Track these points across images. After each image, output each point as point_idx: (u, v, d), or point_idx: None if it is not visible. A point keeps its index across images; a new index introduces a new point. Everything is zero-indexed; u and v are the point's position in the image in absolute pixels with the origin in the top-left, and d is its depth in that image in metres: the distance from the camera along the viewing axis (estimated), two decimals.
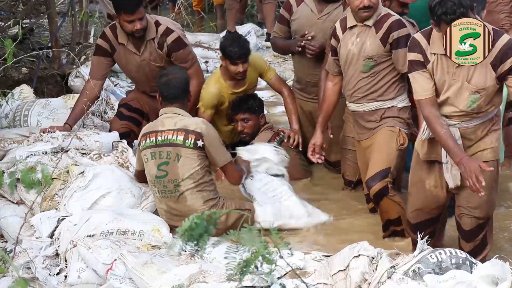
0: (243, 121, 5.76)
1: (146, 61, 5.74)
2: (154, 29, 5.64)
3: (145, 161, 4.94)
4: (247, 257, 2.02)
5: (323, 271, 4.01)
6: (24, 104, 6.09)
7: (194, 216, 2.03)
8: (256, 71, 5.94)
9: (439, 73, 4.20)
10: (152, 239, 4.53)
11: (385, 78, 4.93)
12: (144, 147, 4.93)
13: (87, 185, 4.92)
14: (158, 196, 4.91)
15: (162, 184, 4.86)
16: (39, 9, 7.99)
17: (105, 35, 5.75)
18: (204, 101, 5.81)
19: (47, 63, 7.10)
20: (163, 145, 4.87)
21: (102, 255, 4.30)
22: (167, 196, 4.87)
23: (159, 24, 5.65)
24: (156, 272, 4.06)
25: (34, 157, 5.23)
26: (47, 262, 4.45)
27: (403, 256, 4.01)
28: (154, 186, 4.91)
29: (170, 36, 5.63)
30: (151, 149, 4.90)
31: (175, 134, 4.87)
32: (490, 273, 3.79)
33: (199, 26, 10.34)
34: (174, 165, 4.84)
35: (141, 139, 4.97)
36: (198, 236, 1.97)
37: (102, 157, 5.31)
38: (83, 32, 7.71)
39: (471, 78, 4.16)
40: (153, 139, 4.90)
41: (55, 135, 5.38)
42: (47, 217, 4.78)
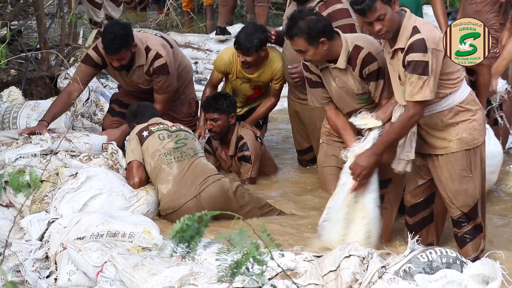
0: (212, 121, 5.80)
1: (135, 82, 5.82)
2: (144, 56, 5.70)
3: (161, 139, 5.29)
4: (238, 259, 2.01)
5: (314, 272, 4.01)
6: (13, 106, 6.07)
7: (185, 217, 2.03)
8: (271, 72, 6.01)
9: (388, 67, 4.44)
10: (143, 241, 4.51)
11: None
12: (159, 130, 5.34)
13: (79, 186, 4.91)
14: (172, 162, 5.21)
15: (180, 151, 5.28)
16: (27, 11, 7.98)
17: (97, 49, 5.73)
18: (215, 63, 6.18)
19: (35, 65, 7.09)
20: (178, 131, 5.41)
21: (92, 257, 4.28)
22: (183, 160, 5.24)
23: (149, 50, 5.70)
24: (147, 274, 4.05)
25: (23, 160, 5.21)
26: (37, 265, 4.43)
27: (393, 256, 4.01)
28: (169, 155, 5.24)
29: (158, 61, 5.71)
30: (167, 132, 5.36)
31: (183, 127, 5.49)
32: (480, 272, 3.80)
33: (188, 26, 10.33)
34: (192, 141, 5.41)
35: (151, 126, 5.37)
36: (189, 238, 1.96)
37: (91, 159, 5.30)
38: (72, 34, 7.70)
39: (398, 69, 4.34)
40: (166, 126, 5.41)
41: (44, 138, 5.36)
42: (37, 220, 4.76)
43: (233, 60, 6.01)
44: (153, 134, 5.28)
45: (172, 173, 5.15)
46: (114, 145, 5.50)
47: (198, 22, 10.07)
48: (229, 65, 6.02)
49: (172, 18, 10.14)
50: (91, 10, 7.85)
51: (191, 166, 5.21)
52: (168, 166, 5.17)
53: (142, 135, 5.29)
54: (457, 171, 4.41)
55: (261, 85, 6.10)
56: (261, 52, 5.88)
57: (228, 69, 6.05)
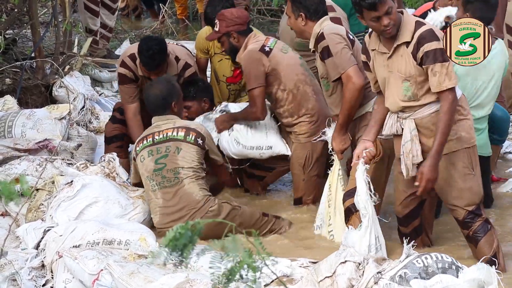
0: (186, 108, 5.72)
1: None
2: (175, 66, 5.76)
3: (141, 161, 5.06)
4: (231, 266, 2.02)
5: (310, 278, 4.01)
6: (8, 115, 6.06)
7: (178, 226, 2.03)
8: None
9: (378, 69, 4.41)
10: (139, 248, 4.51)
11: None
12: (140, 150, 5.10)
13: (75, 194, 4.91)
14: (156, 189, 4.98)
15: (161, 175, 4.98)
16: (22, 20, 7.98)
17: (125, 64, 5.76)
18: (196, 43, 6.25)
19: (30, 73, 7.08)
20: (162, 141, 5.06)
21: (88, 265, 4.28)
22: (165, 186, 4.97)
23: (178, 60, 5.77)
24: (143, 281, 4.05)
25: (19, 168, 5.21)
26: (33, 273, 4.43)
27: (389, 261, 4.02)
28: (152, 180, 5.00)
29: (188, 70, 5.78)
30: (148, 148, 5.07)
31: (175, 130, 5.08)
32: (476, 277, 3.80)
33: (183, 34, 10.33)
34: (173, 156, 5.01)
35: (137, 144, 5.15)
36: (182, 247, 1.97)
37: (88, 167, 5.29)
38: (66, 42, 7.69)
39: (399, 66, 4.31)
40: (150, 140, 5.11)
41: None
42: (33, 228, 4.75)
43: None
44: (137, 157, 5.12)
45: (158, 203, 4.97)
46: (114, 155, 5.49)
47: (193, 30, 10.06)
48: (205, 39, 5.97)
49: (167, 26, 10.15)
50: (88, 18, 7.85)
51: (174, 196, 4.95)
52: (153, 194, 4.99)
53: (134, 157, 5.18)
54: (460, 169, 4.40)
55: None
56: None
57: (206, 44, 6.04)
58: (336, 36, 4.92)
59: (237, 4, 9.20)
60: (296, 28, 5.05)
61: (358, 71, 4.84)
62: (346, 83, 4.87)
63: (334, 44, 4.88)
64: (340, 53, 4.86)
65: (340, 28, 5.06)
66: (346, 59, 4.87)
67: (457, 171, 4.39)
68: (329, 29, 4.94)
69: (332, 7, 5.60)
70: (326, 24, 4.97)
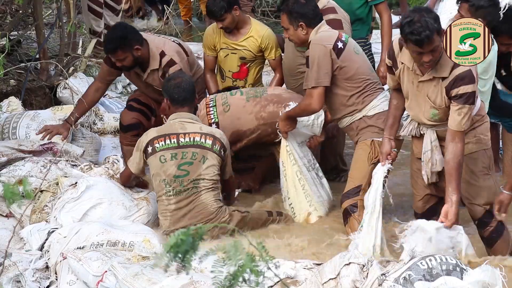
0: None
1: (150, 84, 5.85)
2: (158, 60, 5.72)
3: (161, 161, 4.93)
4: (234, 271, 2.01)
5: (314, 280, 4.01)
6: (12, 117, 6.07)
7: (179, 232, 2.02)
8: (258, 41, 5.96)
9: (405, 82, 4.43)
10: (143, 250, 4.51)
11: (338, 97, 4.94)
12: (162, 148, 4.94)
13: (79, 196, 4.91)
14: (171, 195, 4.90)
15: (180, 182, 4.90)
16: (26, 21, 7.99)
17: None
18: (203, 41, 6.18)
19: (35, 75, 7.09)
20: (188, 146, 4.94)
21: (93, 267, 4.28)
22: (181, 194, 4.90)
23: (163, 55, 5.73)
24: (147, 283, 4.05)
25: (23, 169, 5.21)
26: (37, 275, 4.43)
27: (393, 263, 4.01)
28: (169, 185, 4.91)
29: (172, 67, 5.71)
30: (172, 150, 4.93)
31: (203, 137, 4.97)
32: (480, 279, 3.80)
33: (187, 35, 10.33)
34: (198, 165, 4.92)
35: (156, 140, 4.96)
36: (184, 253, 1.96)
37: (92, 168, 5.29)
38: (71, 43, 7.71)
39: (430, 94, 4.33)
40: (174, 141, 4.95)
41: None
42: (37, 230, 4.76)
43: (216, 31, 6.02)
44: (155, 154, 4.94)
45: (169, 208, 4.92)
46: (118, 156, 5.49)
47: (197, 31, 10.06)
48: (212, 35, 6.03)
49: (171, 27, 10.15)
50: (92, 20, 7.87)
51: (189, 204, 4.91)
52: (166, 198, 4.92)
53: (147, 150, 4.98)
54: (479, 169, 4.51)
55: (247, 56, 5.99)
56: (234, 12, 5.86)
57: (214, 40, 6.04)
58: (320, 47, 4.83)
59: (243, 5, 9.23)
60: (297, 39, 4.97)
61: (321, 96, 4.83)
62: (306, 99, 4.94)
63: (314, 56, 4.82)
64: (316, 68, 4.81)
65: (330, 36, 4.92)
66: (316, 77, 4.82)
67: (477, 171, 4.50)
68: (317, 39, 4.89)
69: (334, 8, 5.54)
70: (321, 30, 4.92)
